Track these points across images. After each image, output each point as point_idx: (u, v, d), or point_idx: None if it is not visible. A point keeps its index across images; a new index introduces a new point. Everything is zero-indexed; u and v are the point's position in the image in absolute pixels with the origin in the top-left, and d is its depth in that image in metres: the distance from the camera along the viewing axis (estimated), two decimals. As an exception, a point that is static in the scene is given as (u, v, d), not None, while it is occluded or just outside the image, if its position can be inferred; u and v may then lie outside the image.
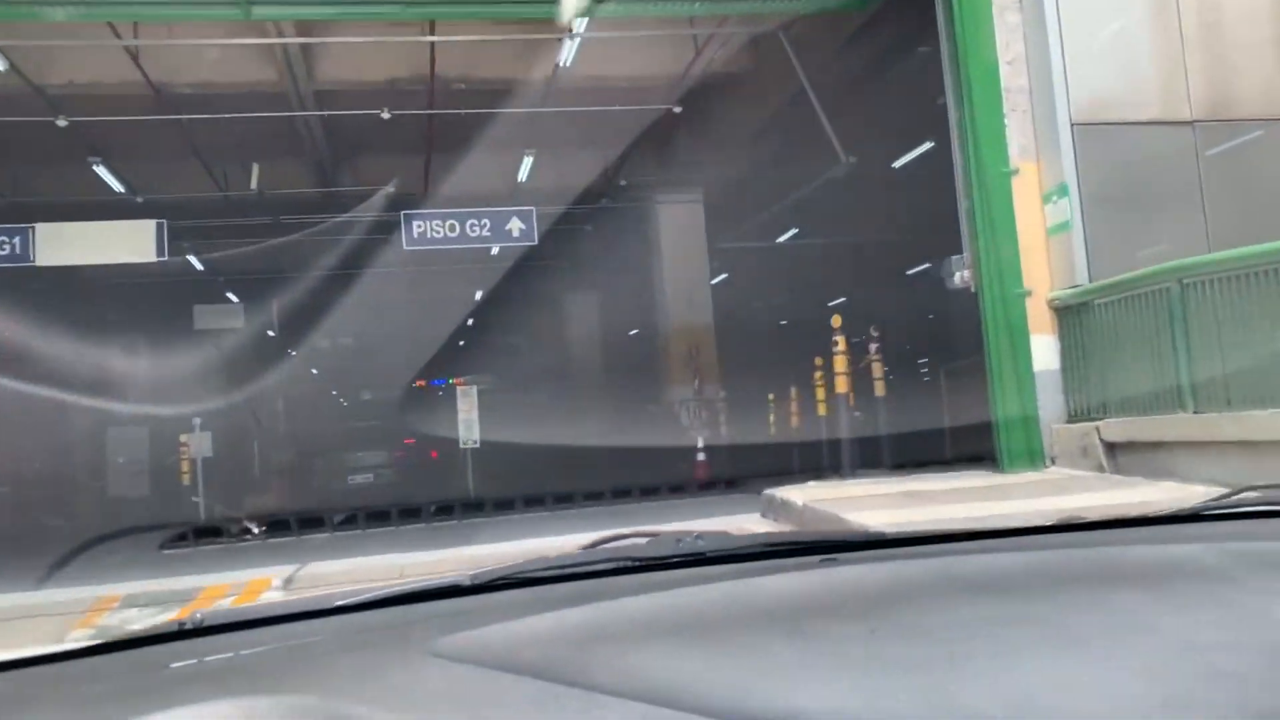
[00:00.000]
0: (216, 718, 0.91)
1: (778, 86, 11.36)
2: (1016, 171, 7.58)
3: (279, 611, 1.31)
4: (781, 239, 17.17)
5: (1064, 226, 7.39)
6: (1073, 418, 7.30)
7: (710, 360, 16.49)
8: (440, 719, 0.91)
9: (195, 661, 1.17)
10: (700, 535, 1.47)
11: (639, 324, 18.74)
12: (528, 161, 14.45)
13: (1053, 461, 7.26)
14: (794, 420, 12.40)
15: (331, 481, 18.23)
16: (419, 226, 12.01)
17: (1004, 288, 7.49)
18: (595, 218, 16.39)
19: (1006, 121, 7.60)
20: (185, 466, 13.49)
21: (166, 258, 11.58)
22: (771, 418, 14.81)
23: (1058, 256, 7.47)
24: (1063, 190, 7.37)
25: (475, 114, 12.29)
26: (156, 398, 15.58)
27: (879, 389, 9.53)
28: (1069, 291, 7.33)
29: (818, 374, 11.45)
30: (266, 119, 12.97)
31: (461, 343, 24.05)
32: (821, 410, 11.23)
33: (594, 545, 1.48)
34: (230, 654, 1.19)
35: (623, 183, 15.71)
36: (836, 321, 8.81)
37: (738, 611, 1.18)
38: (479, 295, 21.24)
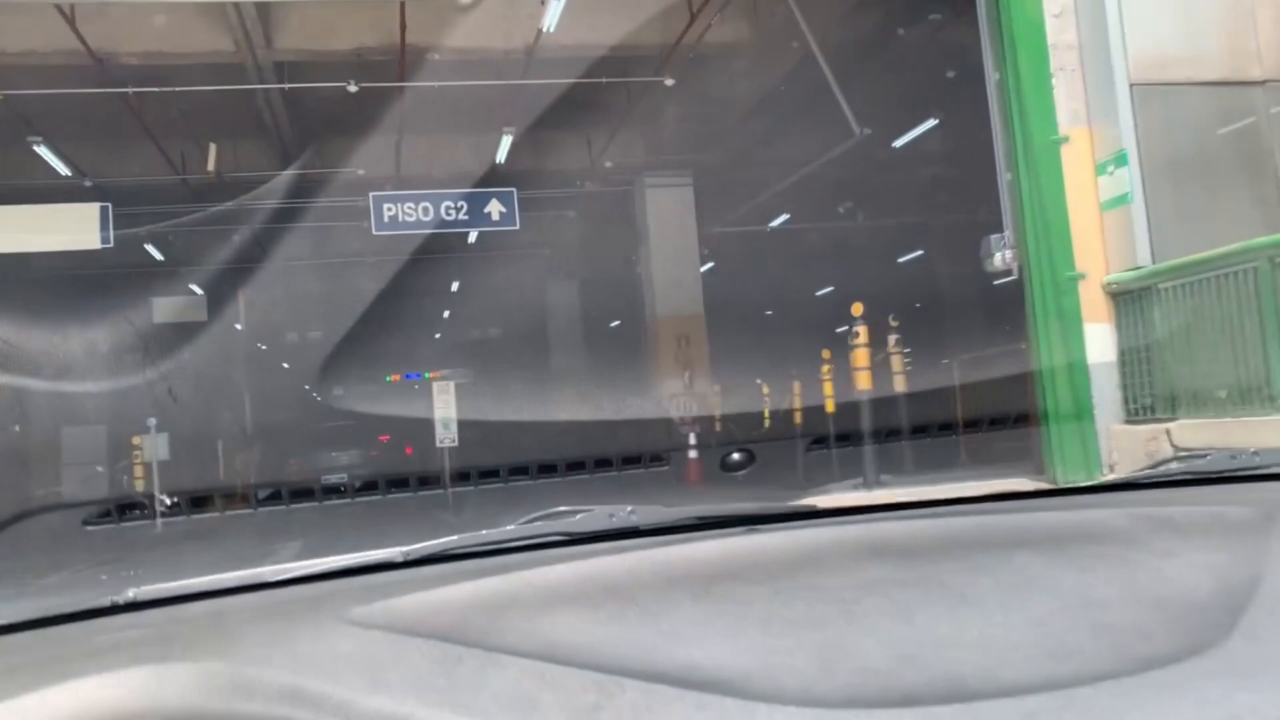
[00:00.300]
0: (126, 686, 0.94)
1: (782, 52, 10.41)
2: (1066, 139, 6.69)
3: (209, 587, 1.31)
4: (783, 222, 16.20)
5: (1122, 200, 6.51)
6: (1133, 418, 6.44)
7: (701, 352, 15.63)
8: (342, 679, 0.94)
9: (117, 635, 1.19)
10: (634, 510, 1.49)
11: (625, 314, 17.85)
12: (506, 141, 13.46)
13: (1111, 469, 6.39)
14: (797, 419, 11.50)
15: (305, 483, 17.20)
16: (389, 209, 11.01)
17: (1054, 270, 6.60)
18: (578, 202, 15.46)
19: (1054, 82, 6.72)
20: (139, 471, 12.42)
21: (112, 244, 10.53)
22: (766, 412, 14.00)
23: (1114, 234, 6.60)
24: (1120, 159, 6.49)
25: (450, 86, 11.33)
26: (112, 396, 14.65)
27: (899, 384, 8.64)
28: (1130, 274, 6.45)
29: (825, 368, 10.59)
30: (223, 94, 11.98)
31: (437, 335, 23.12)
32: (829, 408, 10.39)
33: (529, 521, 1.49)
34: (150, 628, 1.22)
35: (607, 164, 14.76)
36: (857, 309, 7.90)
37: (649, 578, 1.22)
38: (455, 285, 20.37)
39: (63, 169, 12.98)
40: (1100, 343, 6.55)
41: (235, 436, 17.65)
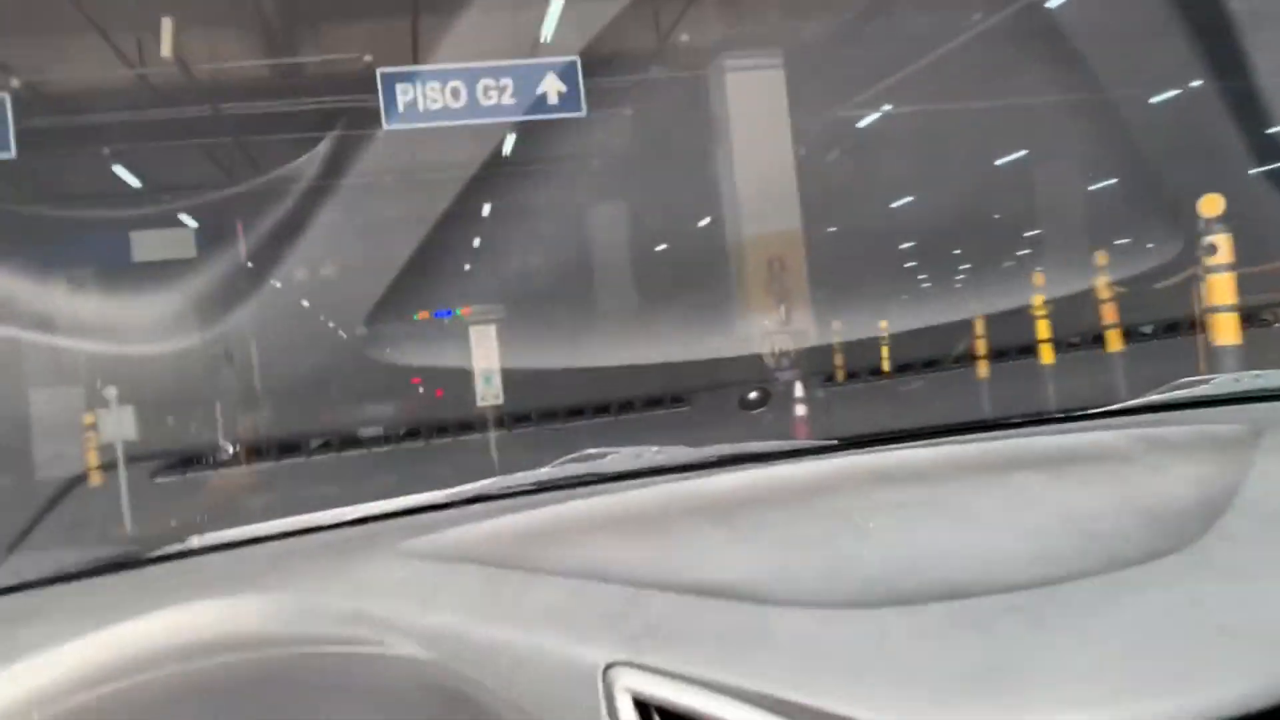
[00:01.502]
0: (199, 614, 1.03)
1: None
2: None
3: (270, 531, 1.38)
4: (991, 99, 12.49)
5: None
6: None
7: (799, 277, 12.42)
8: (397, 602, 1.03)
9: (187, 576, 1.25)
10: (660, 450, 1.55)
11: (699, 231, 14.76)
12: (555, 8, 10.15)
13: None
14: (983, 370, 8.35)
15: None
16: (406, 94, 7.82)
17: None
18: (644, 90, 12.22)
19: None
20: (93, 459, 9.46)
21: (14, 155, 7.46)
22: (882, 352, 10.95)
23: None
24: None
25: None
26: (81, 351, 11.93)
27: (1227, 332, 5.43)
28: None
29: (1037, 298, 7.48)
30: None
31: (467, 266, 20.13)
32: (1047, 357, 7.35)
33: (562, 463, 1.54)
34: (217, 569, 1.29)
35: (684, 37, 11.47)
36: (1211, 206, 4.65)
37: (675, 508, 1.30)
38: (488, 208, 17.31)
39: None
40: None
41: (232, 394, 14.81)
